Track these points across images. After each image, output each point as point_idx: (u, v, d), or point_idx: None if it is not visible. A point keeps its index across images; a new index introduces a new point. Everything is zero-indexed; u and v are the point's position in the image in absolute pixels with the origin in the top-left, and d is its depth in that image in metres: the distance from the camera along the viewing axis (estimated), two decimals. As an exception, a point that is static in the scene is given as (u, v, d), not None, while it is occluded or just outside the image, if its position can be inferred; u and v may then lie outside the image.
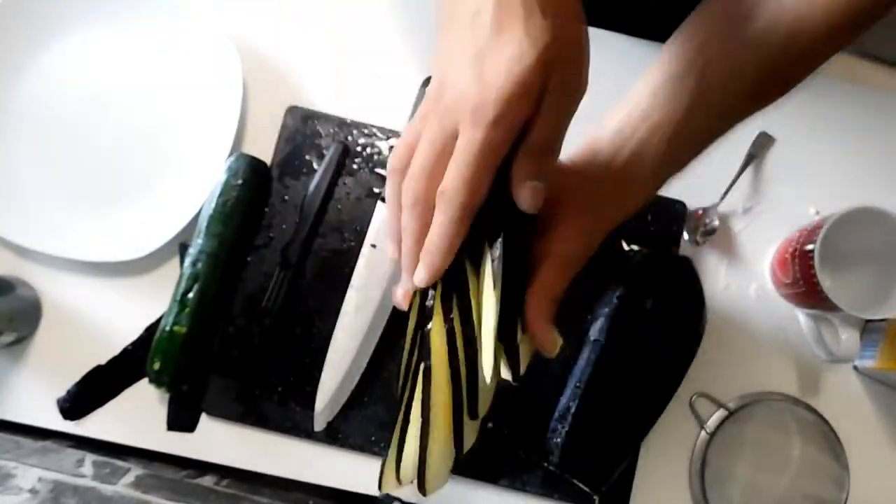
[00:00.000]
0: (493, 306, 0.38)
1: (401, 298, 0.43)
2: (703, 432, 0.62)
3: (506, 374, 0.40)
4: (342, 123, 0.67)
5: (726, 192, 0.67)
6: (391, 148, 0.67)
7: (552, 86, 0.36)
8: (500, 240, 0.38)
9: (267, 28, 0.70)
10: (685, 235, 0.66)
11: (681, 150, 0.46)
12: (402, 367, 0.43)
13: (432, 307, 0.40)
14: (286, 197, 0.66)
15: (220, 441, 0.62)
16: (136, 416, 0.63)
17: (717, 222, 0.66)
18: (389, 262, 0.63)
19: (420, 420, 0.41)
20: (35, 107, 0.67)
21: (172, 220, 0.64)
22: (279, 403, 0.62)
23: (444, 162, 0.37)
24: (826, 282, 0.57)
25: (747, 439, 0.60)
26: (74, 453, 0.60)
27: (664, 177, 0.46)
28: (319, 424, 0.61)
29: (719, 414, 0.62)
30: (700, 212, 0.66)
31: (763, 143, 0.68)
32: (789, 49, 0.44)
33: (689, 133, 0.45)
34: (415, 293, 0.42)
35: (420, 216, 0.38)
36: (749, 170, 0.67)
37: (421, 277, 0.39)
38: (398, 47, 0.71)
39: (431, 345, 0.40)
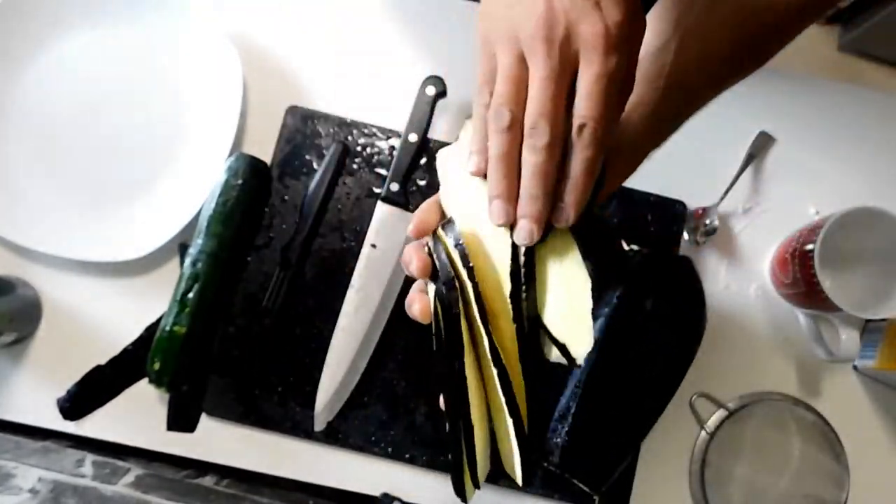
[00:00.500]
0: (585, 281, 0.37)
1: (418, 313, 0.41)
2: (703, 432, 0.62)
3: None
4: (342, 123, 0.67)
5: (726, 192, 0.67)
6: (392, 148, 0.67)
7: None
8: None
9: (267, 28, 0.70)
10: (685, 235, 0.66)
11: (660, 127, 0.45)
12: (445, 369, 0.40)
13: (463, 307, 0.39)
14: (286, 197, 0.66)
15: (220, 441, 0.62)
16: (136, 416, 0.63)
17: (717, 222, 0.66)
18: (389, 262, 0.63)
19: (485, 418, 0.40)
20: (35, 107, 0.67)
21: (172, 220, 0.64)
22: (279, 403, 0.62)
23: (566, 98, 0.36)
24: (826, 282, 0.57)
25: (747, 439, 0.60)
26: (74, 453, 0.60)
27: (644, 154, 0.45)
28: (319, 424, 0.61)
29: (719, 414, 0.62)
30: (700, 212, 0.66)
31: (763, 143, 0.68)
32: (765, 20, 0.44)
33: (667, 109, 0.44)
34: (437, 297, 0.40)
35: (555, 157, 0.37)
36: (749, 170, 0.67)
37: (569, 216, 0.37)
38: (398, 47, 0.71)
39: (502, 341, 0.39)
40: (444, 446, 0.43)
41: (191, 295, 0.60)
